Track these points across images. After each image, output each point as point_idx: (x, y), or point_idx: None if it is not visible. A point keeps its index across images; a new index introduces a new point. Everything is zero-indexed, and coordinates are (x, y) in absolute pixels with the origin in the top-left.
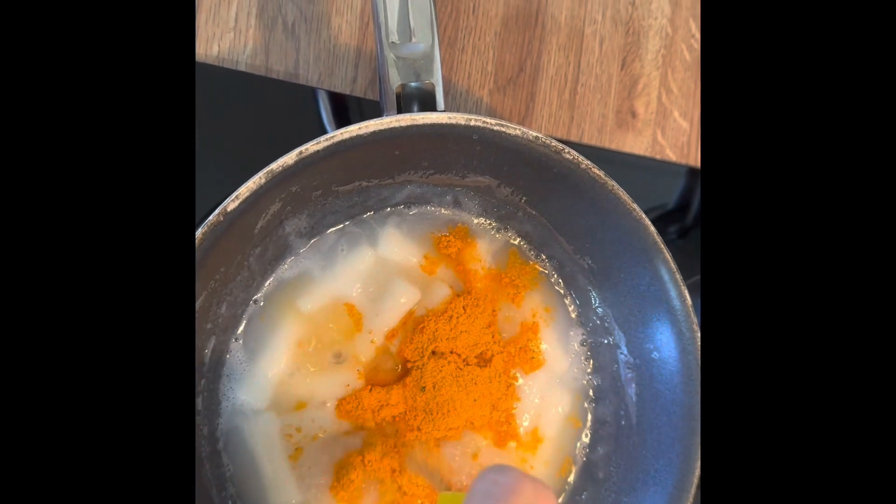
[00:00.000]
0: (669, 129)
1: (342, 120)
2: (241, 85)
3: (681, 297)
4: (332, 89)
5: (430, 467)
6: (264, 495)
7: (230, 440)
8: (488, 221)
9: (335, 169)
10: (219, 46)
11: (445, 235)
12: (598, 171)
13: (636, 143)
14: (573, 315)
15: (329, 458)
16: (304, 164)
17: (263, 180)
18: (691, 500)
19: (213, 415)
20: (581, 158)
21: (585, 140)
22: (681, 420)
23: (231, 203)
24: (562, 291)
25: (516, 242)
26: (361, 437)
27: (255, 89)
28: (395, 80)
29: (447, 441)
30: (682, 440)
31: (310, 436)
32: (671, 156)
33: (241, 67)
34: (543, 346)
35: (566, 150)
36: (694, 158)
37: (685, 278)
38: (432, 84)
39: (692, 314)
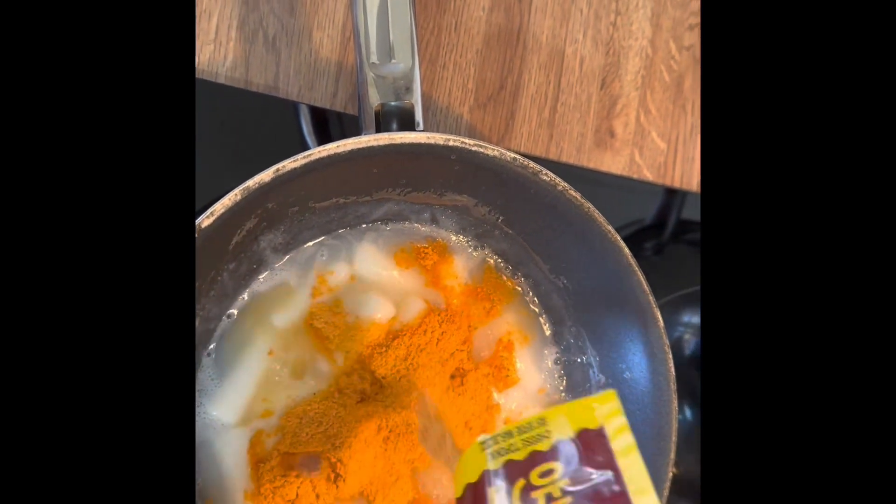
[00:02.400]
0: (647, 150)
1: (322, 134)
2: (221, 97)
3: (653, 318)
4: (313, 103)
5: (403, 487)
6: None
7: (200, 454)
8: (465, 239)
9: (312, 186)
10: (198, 58)
11: (424, 247)
12: (574, 193)
13: (614, 163)
14: (548, 333)
15: (296, 480)
16: (280, 181)
17: (239, 197)
18: None
19: None
20: (558, 180)
21: (564, 158)
22: (651, 440)
23: (205, 220)
24: (537, 310)
25: (493, 261)
26: (333, 454)
27: (235, 102)
28: (374, 99)
29: (421, 459)
30: (652, 461)
31: (279, 451)
32: (648, 175)
33: (221, 80)
34: (518, 364)
35: (543, 172)
36: (671, 179)
37: (661, 296)
38: (412, 104)
39: (664, 336)
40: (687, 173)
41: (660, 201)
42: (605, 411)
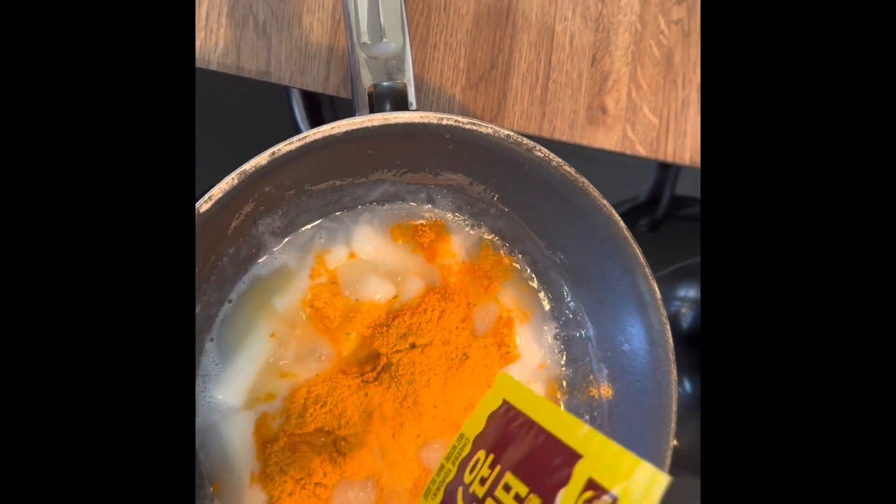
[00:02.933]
0: (639, 125)
1: (315, 118)
2: (213, 84)
3: (650, 290)
4: (305, 88)
5: (408, 465)
6: (238, 495)
7: (207, 437)
8: (462, 218)
9: (308, 168)
10: None
11: (421, 226)
12: (568, 169)
13: (607, 139)
14: (547, 309)
15: (302, 459)
16: (276, 164)
17: (236, 181)
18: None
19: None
20: (552, 156)
21: (557, 136)
22: (651, 411)
23: (204, 204)
24: (535, 286)
25: (490, 238)
26: (338, 433)
27: (227, 88)
28: (366, 79)
29: (425, 437)
30: (652, 431)
31: (285, 432)
32: (641, 151)
33: (213, 67)
34: (518, 340)
35: (537, 148)
36: (664, 153)
37: (655, 271)
38: (404, 83)
39: (661, 307)
40: (679, 147)
41: (653, 177)
42: (502, 389)
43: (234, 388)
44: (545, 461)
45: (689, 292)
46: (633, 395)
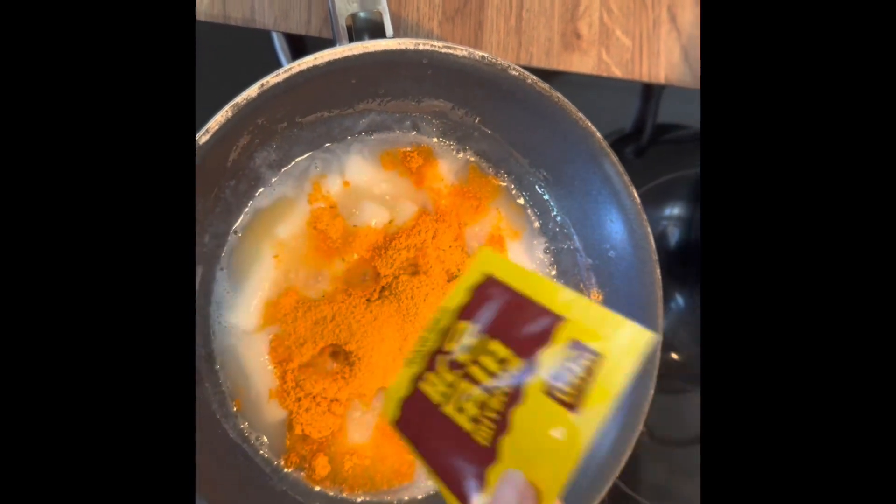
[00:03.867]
0: (613, 48)
1: None
2: (201, 33)
3: (630, 195)
4: (289, 31)
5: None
6: (258, 410)
7: (226, 360)
8: (448, 143)
9: (296, 101)
10: None
11: (409, 151)
12: (543, 85)
13: (583, 63)
14: (536, 225)
15: (316, 375)
16: (266, 96)
17: (230, 113)
18: (652, 390)
19: (208, 338)
20: (527, 74)
21: (535, 63)
22: (639, 310)
23: (202, 137)
24: (523, 203)
25: (475, 161)
26: (347, 349)
27: (215, 37)
28: (342, 10)
29: None
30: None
31: (299, 351)
32: (617, 73)
33: (200, 17)
34: (510, 256)
35: (512, 68)
36: (639, 73)
37: (640, 189)
38: (380, 13)
39: (641, 212)
40: (654, 67)
41: (637, 107)
42: (484, 263)
43: (245, 313)
44: (527, 326)
45: (675, 210)
46: (622, 298)
